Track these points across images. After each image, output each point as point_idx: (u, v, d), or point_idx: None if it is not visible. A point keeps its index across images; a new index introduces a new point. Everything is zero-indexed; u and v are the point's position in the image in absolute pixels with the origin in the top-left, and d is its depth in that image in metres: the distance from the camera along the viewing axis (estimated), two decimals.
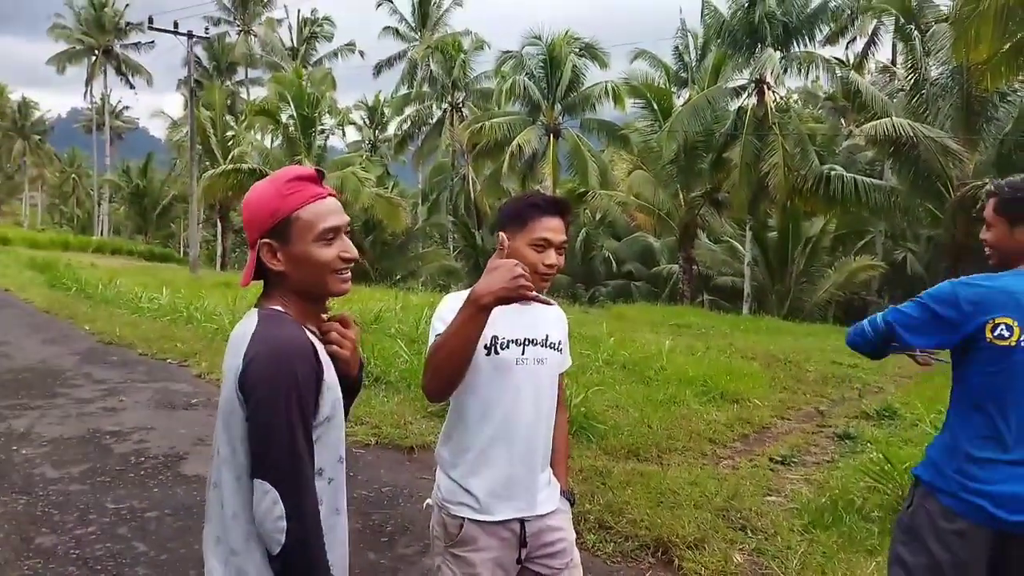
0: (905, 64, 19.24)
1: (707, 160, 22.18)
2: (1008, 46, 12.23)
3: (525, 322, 2.02)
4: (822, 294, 22.95)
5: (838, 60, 22.88)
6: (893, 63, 24.64)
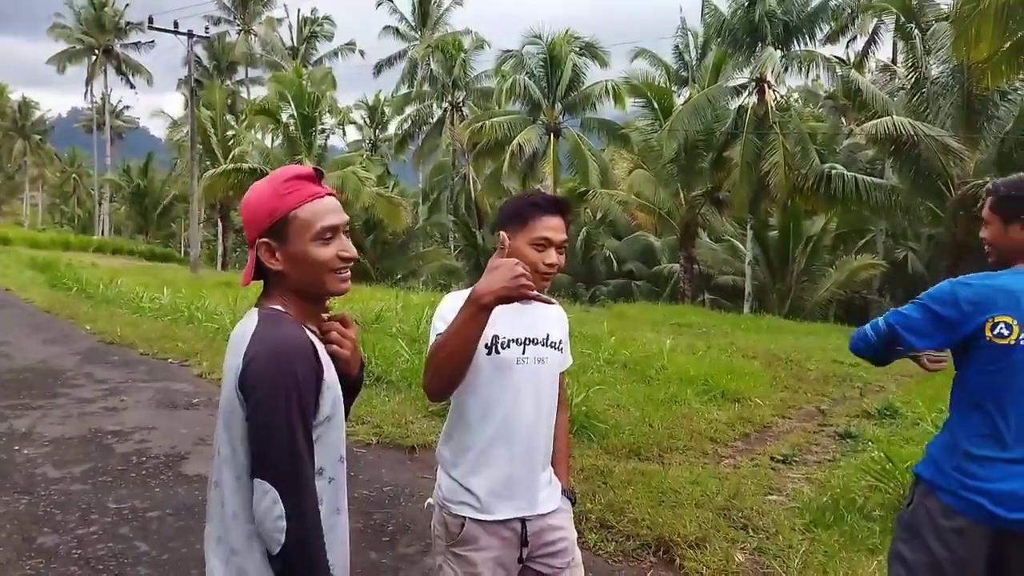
0: (906, 63, 19.21)
1: (708, 159, 22.18)
2: (1008, 44, 12.22)
3: (526, 321, 2.02)
4: (823, 293, 22.94)
5: (838, 59, 22.88)
6: (894, 62, 24.60)
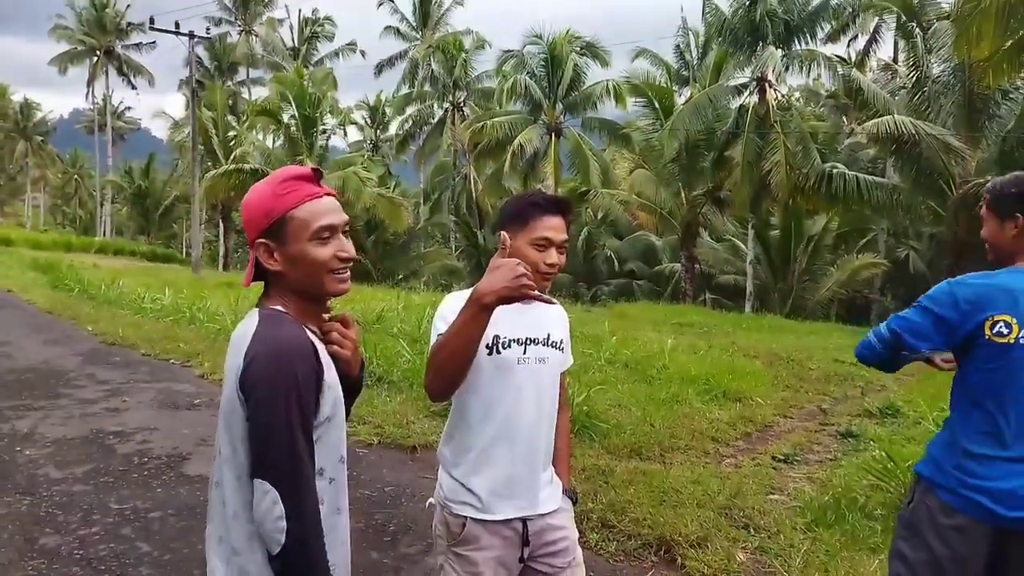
0: (907, 61, 19.18)
1: (709, 158, 22.16)
2: (1010, 43, 12.22)
3: (527, 321, 2.02)
4: (824, 292, 22.92)
5: (840, 58, 22.88)
6: (895, 61, 24.61)
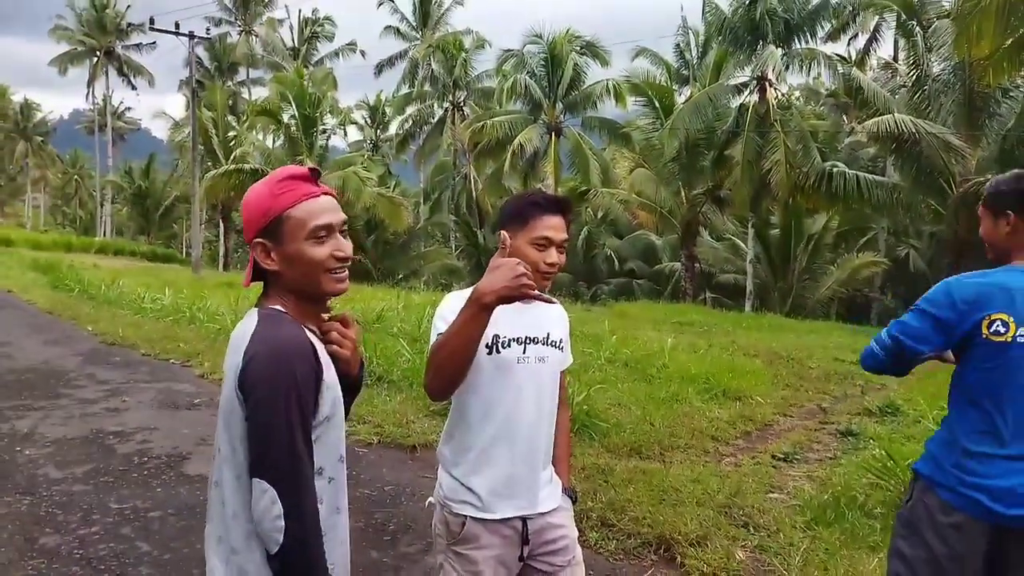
0: (907, 60, 19.19)
1: (709, 157, 22.17)
2: (1010, 42, 12.21)
3: (526, 321, 2.02)
4: (824, 291, 22.93)
5: (840, 57, 22.87)
6: (895, 59, 24.60)
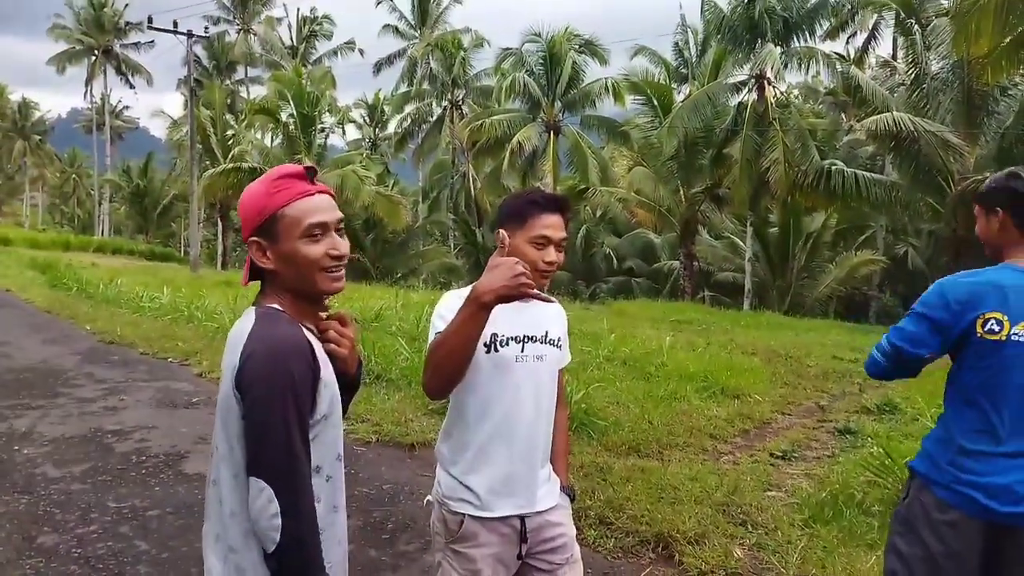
0: (905, 59, 19.20)
1: (707, 156, 22.17)
2: (1009, 40, 12.20)
3: (524, 319, 2.02)
4: (823, 289, 22.95)
5: (838, 55, 22.82)
6: (893, 58, 24.60)
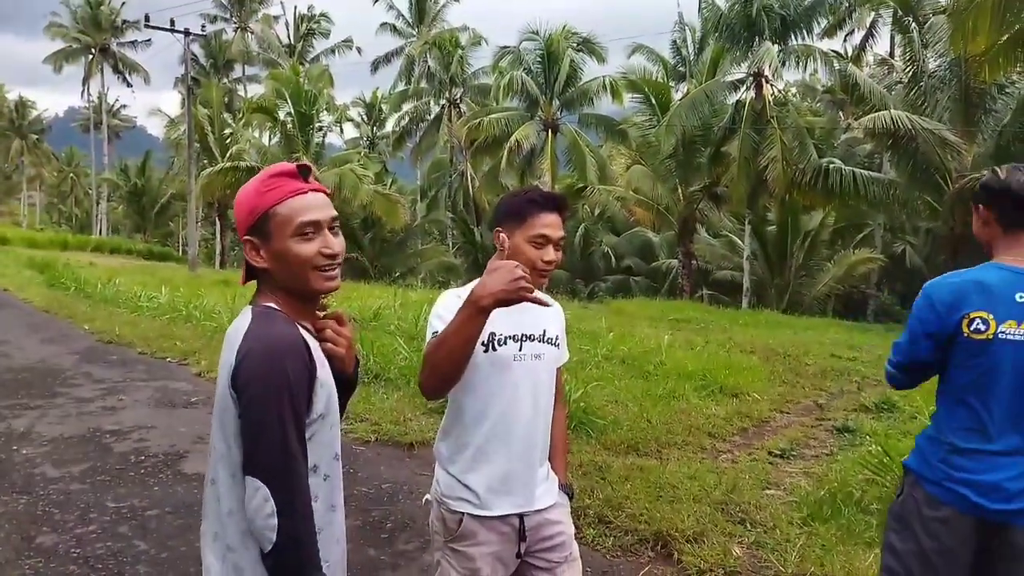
0: (903, 56, 19.20)
1: (705, 154, 22.17)
2: (1006, 38, 12.21)
3: (522, 318, 2.01)
4: (821, 287, 22.96)
5: (836, 53, 22.84)
6: (891, 55, 24.63)
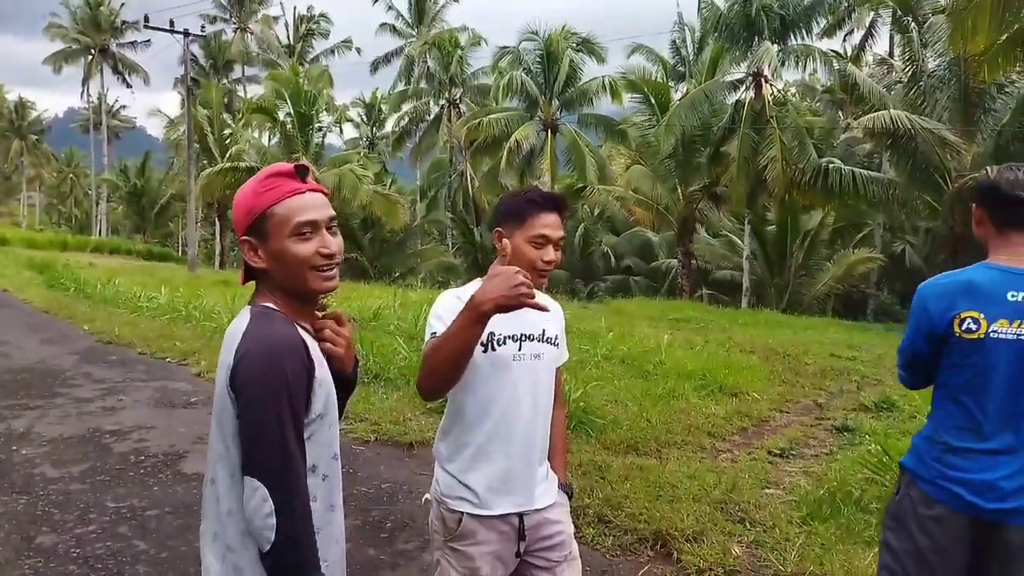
0: (902, 56, 19.20)
1: (705, 154, 22.18)
2: (1005, 37, 12.22)
3: (522, 318, 2.00)
4: (821, 287, 22.97)
5: (835, 53, 22.85)
6: (890, 55, 24.62)
